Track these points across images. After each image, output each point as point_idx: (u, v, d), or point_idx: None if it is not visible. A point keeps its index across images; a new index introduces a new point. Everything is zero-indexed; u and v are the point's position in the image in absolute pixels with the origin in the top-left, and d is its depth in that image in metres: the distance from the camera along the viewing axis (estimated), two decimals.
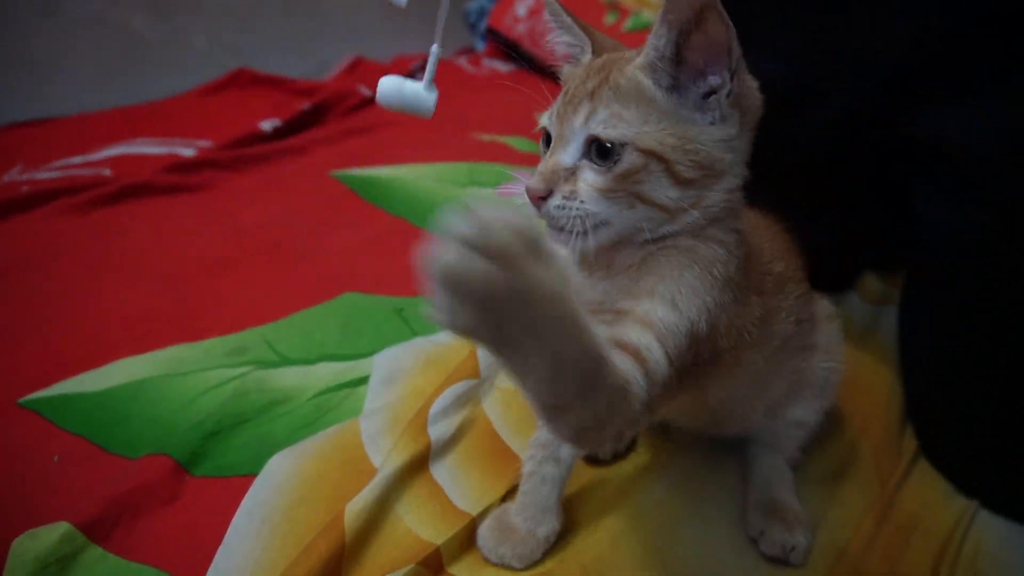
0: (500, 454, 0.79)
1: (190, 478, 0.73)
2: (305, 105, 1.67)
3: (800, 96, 0.89)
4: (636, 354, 0.50)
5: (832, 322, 0.78)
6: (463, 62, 2.24)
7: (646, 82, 0.53)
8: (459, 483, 0.75)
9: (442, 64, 2.32)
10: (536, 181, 0.53)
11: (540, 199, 0.53)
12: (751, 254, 0.60)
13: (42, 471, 0.74)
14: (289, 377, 0.89)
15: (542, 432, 0.70)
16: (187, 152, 1.48)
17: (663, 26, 0.52)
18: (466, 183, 1.42)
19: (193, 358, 0.91)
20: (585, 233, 0.53)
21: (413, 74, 0.67)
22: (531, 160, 1.54)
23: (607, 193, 0.53)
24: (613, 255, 0.57)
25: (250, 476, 0.73)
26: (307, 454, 0.76)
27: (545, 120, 0.57)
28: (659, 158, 0.52)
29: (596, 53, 0.60)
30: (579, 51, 0.61)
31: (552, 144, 0.56)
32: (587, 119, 0.53)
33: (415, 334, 0.97)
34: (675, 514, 0.72)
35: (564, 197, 0.53)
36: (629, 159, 0.52)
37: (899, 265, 1.19)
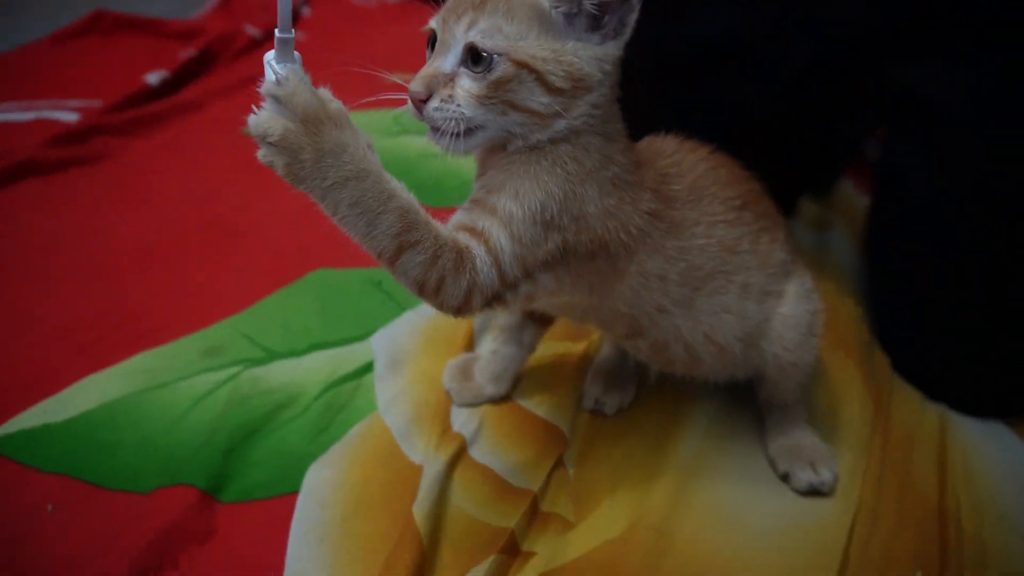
0: (528, 422, 0.79)
1: (221, 506, 0.67)
2: (190, 52, 1.47)
3: (755, 55, 0.91)
4: (480, 235, 0.57)
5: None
6: None
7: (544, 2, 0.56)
8: (507, 461, 0.73)
9: None
10: (417, 84, 0.56)
11: (421, 102, 0.57)
12: (644, 161, 0.64)
13: (36, 526, 0.64)
14: (282, 373, 0.82)
15: (508, 318, 0.79)
16: (64, 116, 1.27)
17: None
18: (394, 132, 1.34)
19: (164, 366, 0.81)
20: (459, 135, 0.56)
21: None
22: None
23: (482, 99, 0.55)
24: (487, 159, 0.62)
25: (287, 495, 0.68)
26: (344, 462, 0.72)
27: (433, 23, 0.58)
28: (530, 69, 0.55)
29: None
30: None
31: (435, 49, 0.57)
32: (468, 28, 0.55)
33: (403, 308, 0.93)
34: (714, 462, 0.76)
35: (442, 100, 0.56)
36: (501, 68, 0.55)
37: (830, 189, 1.28)
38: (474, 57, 0.55)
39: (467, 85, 0.55)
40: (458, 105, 0.55)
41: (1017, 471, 0.78)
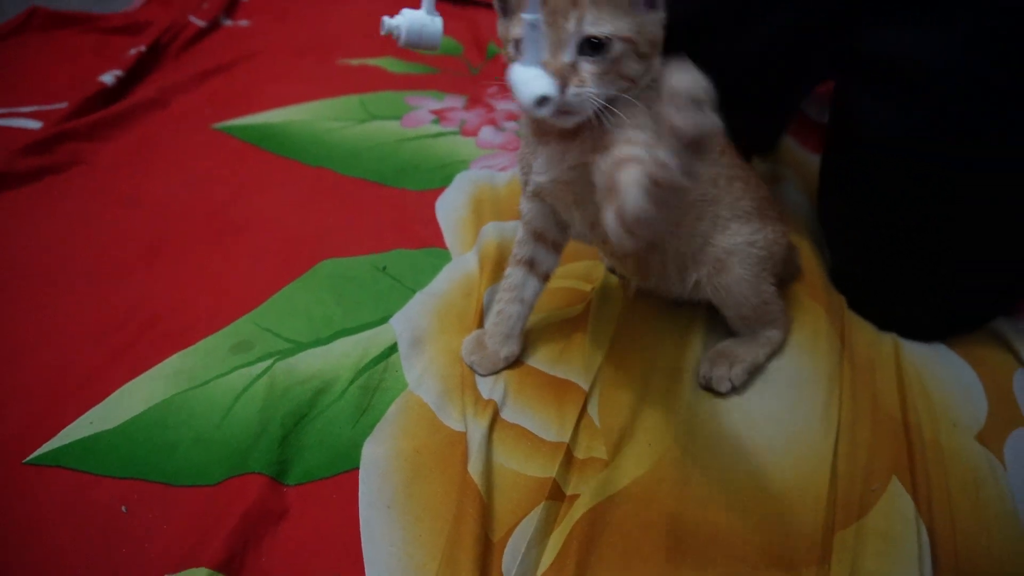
0: (549, 384, 0.87)
1: (288, 489, 0.73)
2: (140, 48, 1.45)
3: (734, 18, 0.99)
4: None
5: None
6: None
7: None
8: (536, 419, 0.81)
9: None
10: (552, 82, 0.65)
11: (559, 92, 0.65)
12: None
13: (117, 527, 0.68)
14: (313, 361, 0.87)
15: (508, 280, 0.89)
16: (23, 124, 1.25)
17: None
18: (364, 117, 1.38)
19: (200, 365, 0.85)
20: (589, 112, 0.68)
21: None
22: (409, 82, 1.53)
23: (603, 77, 0.67)
24: (553, 132, 0.74)
25: (348, 472, 0.74)
26: (394, 436, 0.78)
27: (520, 29, 0.66)
28: (630, 42, 0.68)
29: None
30: None
31: (549, 47, 0.66)
32: (579, 22, 0.66)
33: (410, 290, 0.98)
34: (717, 399, 0.86)
35: (575, 87, 0.66)
36: (617, 47, 0.67)
37: (776, 146, 1.39)
38: (590, 45, 0.66)
39: (589, 68, 0.66)
40: (590, 88, 0.66)
41: (960, 383, 0.92)
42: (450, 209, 1.14)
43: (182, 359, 0.86)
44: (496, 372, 0.87)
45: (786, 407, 0.86)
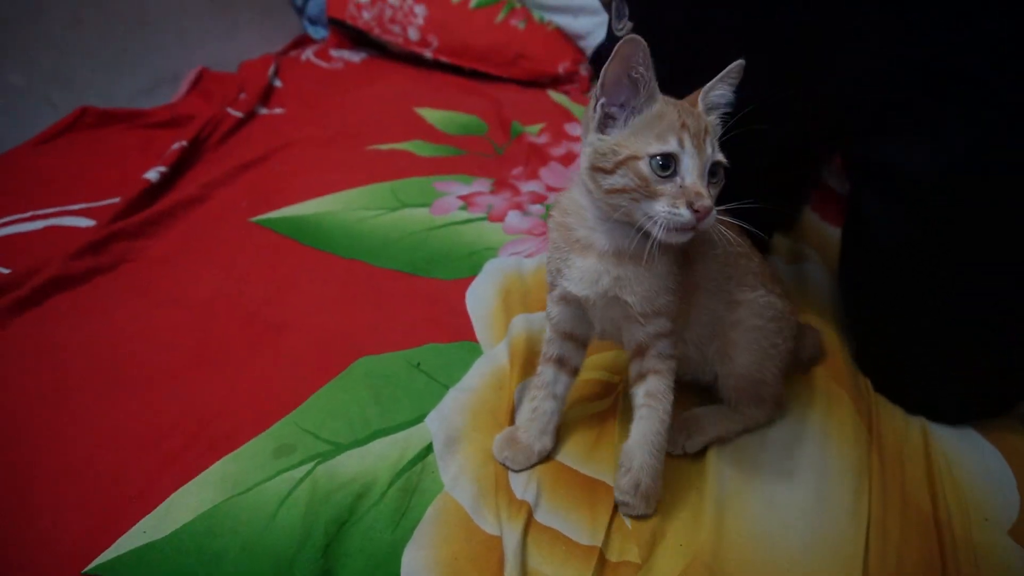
0: (582, 484, 0.89)
1: None
2: (181, 143, 1.53)
3: (764, 116, 1.03)
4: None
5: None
6: (312, 56, 2.14)
7: (716, 122, 0.77)
8: (569, 521, 0.84)
9: (292, 62, 2.29)
10: (709, 200, 0.72)
11: (708, 212, 0.72)
12: None
13: None
14: (352, 463, 0.90)
15: (540, 378, 0.92)
16: (73, 222, 1.32)
17: (725, 85, 0.77)
18: (395, 205, 1.43)
19: (245, 470, 0.89)
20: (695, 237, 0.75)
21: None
22: (436, 166, 1.59)
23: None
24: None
25: None
26: (431, 542, 0.80)
27: (671, 148, 0.72)
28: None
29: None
30: (653, 88, 0.75)
31: (695, 171, 0.72)
32: (713, 150, 0.74)
33: (444, 387, 1.02)
34: (745, 492, 0.87)
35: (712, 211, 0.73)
36: (723, 177, 0.76)
37: (796, 222, 1.42)
38: (712, 170, 0.74)
39: (712, 192, 0.73)
40: (716, 210, 0.73)
41: (991, 473, 0.92)
42: (480, 300, 1.18)
43: (227, 464, 0.89)
44: (530, 467, 0.90)
45: (814, 501, 0.87)
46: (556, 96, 1.99)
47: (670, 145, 0.71)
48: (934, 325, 0.98)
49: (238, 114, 1.68)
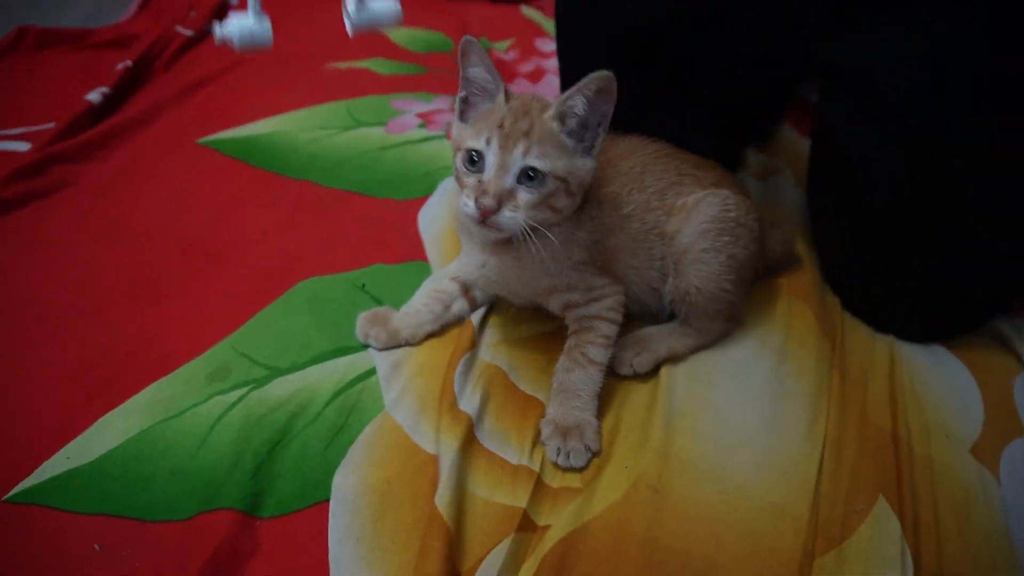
0: (524, 402, 0.86)
1: (261, 522, 0.73)
2: (126, 63, 1.44)
3: (711, 24, 0.96)
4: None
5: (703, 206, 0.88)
6: None
7: (557, 129, 0.75)
8: (507, 443, 0.80)
9: None
10: (491, 201, 0.72)
11: (492, 212, 0.72)
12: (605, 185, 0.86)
13: (89, 567, 0.69)
14: (288, 387, 0.87)
15: (444, 285, 0.95)
16: (12, 147, 1.25)
17: (580, 96, 0.73)
18: (350, 124, 1.36)
19: (177, 394, 0.85)
20: (517, 234, 0.75)
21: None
22: (396, 84, 1.51)
23: (535, 205, 0.74)
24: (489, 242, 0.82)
25: (319, 504, 0.74)
26: (364, 463, 0.77)
27: (480, 144, 0.74)
28: (563, 181, 0.75)
29: (506, 94, 0.77)
30: (492, 88, 0.77)
31: (495, 169, 0.73)
32: (524, 154, 0.73)
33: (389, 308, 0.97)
34: (693, 416, 0.84)
35: (510, 211, 0.73)
36: (552, 183, 0.74)
37: (771, 135, 1.35)
38: (529, 176, 0.73)
39: (525, 197, 0.73)
40: (523, 214, 0.73)
41: (957, 390, 0.89)
42: (432, 220, 1.12)
43: (159, 389, 0.86)
44: (389, 348, 0.91)
45: (769, 422, 0.83)
46: (528, 11, 1.88)
47: (479, 141, 0.74)
48: (902, 240, 0.93)
49: (188, 32, 1.59)
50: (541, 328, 0.95)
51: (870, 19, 0.87)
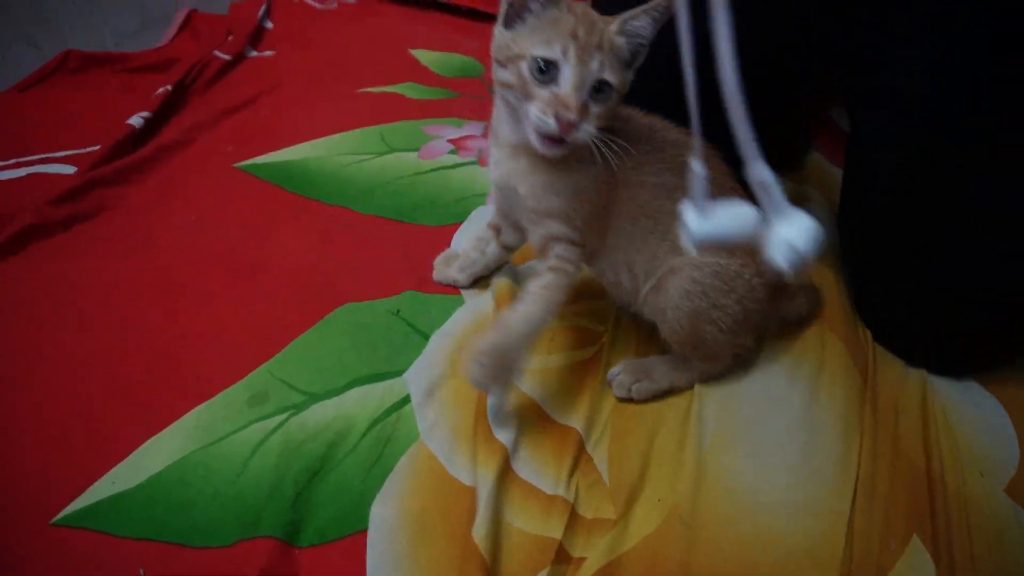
0: (558, 432, 0.87)
1: (299, 551, 0.74)
2: (166, 88, 1.48)
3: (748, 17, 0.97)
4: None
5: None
6: None
7: (621, 44, 0.74)
8: (542, 473, 0.81)
9: (284, 2, 2.18)
10: (573, 115, 0.70)
11: (575, 127, 0.71)
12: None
13: None
14: (326, 413, 0.88)
15: (479, 234, 1.06)
16: (56, 169, 1.29)
17: (647, 16, 0.73)
18: (383, 150, 1.38)
19: (219, 418, 0.87)
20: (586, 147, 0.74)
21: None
22: (428, 109, 1.53)
23: (604, 119, 0.74)
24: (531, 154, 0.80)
25: (358, 534, 0.75)
26: (401, 494, 0.79)
27: (554, 54, 0.70)
28: (620, 95, 0.75)
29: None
30: None
31: (574, 81, 0.71)
32: (600, 67, 0.71)
33: (424, 336, 0.99)
34: (726, 447, 0.84)
35: (587, 124, 0.72)
36: (615, 98, 0.74)
37: (800, 162, 1.36)
38: (599, 89, 0.72)
39: (595, 110, 0.72)
40: (598, 127, 0.73)
41: (991, 426, 0.88)
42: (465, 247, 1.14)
43: (200, 413, 0.88)
44: (442, 283, 1.06)
45: (801, 457, 0.84)
46: None
47: (552, 51, 0.70)
48: (935, 270, 0.93)
49: (226, 57, 1.62)
50: (573, 357, 0.96)
51: (893, 23, 0.88)
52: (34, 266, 1.09)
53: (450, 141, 1.41)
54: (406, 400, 0.90)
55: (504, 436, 0.84)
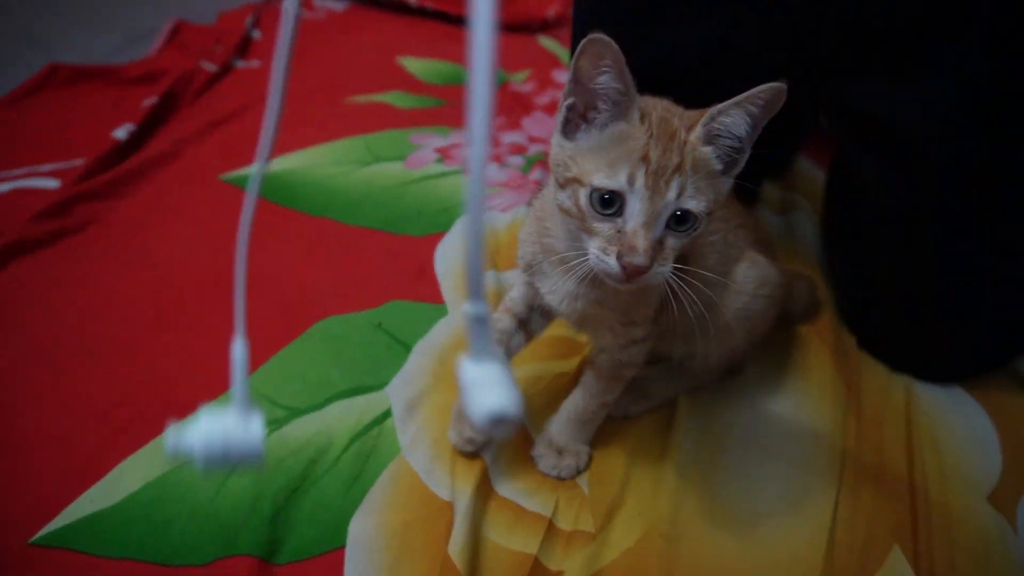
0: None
1: (277, 568, 0.74)
2: (152, 99, 1.48)
3: (732, 63, 0.96)
4: None
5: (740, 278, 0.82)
6: None
7: (709, 155, 0.60)
8: (520, 489, 0.81)
9: (272, 12, 2.16)
10: (643, 259, 0.58)
11: (644, 272, 0.59)
12: None
13: None
14: (308, 428, 0.88)
15: (498, 323, 0.83)
16: (41, 184, 1.29)
17: (741, 111, 0.59)
18: (368, 160, 1.38)
19: None
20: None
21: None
22: (415, 118, 1.53)
23: (681, 250, 0.61)
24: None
25: (336, 550, 0.75)
26: (380, 509, 0.78)
27: (619, 185, 0.58)
28: (709, 216, 0.61)
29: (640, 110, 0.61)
30: (624, 101, 0.60)
31: (643, 218, 0.59)
32: (679, 194, 0.58)
33: (405, 347, 0.99)
34: (708, 462, 0.84)
35: (659, 264, 0.60)
36: (703, 225, 0.61)
37: (789, 168, 1.35)
38: (680, 218, 0.59)
39: (673, 244, 0.60)
40: (671, 265, 0.60)
41: (975, 434, 0.88)
42: (449, 257, 1.14)
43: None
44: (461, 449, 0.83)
45: (784, 466, 0.83)
46: (545, 41, 1.90)
47: (617, 181, 0.58)
48: (919, 277, 0.93)
49: (212, 68, 1.63)
50: (553, 368, 0.96)
51: (889, 65, 0.88)
52: (18, 285, 1.09)
53: (436, 150, 1.40)
54: (387, 414, 0.89)
55: (484, 451, 0.83)
